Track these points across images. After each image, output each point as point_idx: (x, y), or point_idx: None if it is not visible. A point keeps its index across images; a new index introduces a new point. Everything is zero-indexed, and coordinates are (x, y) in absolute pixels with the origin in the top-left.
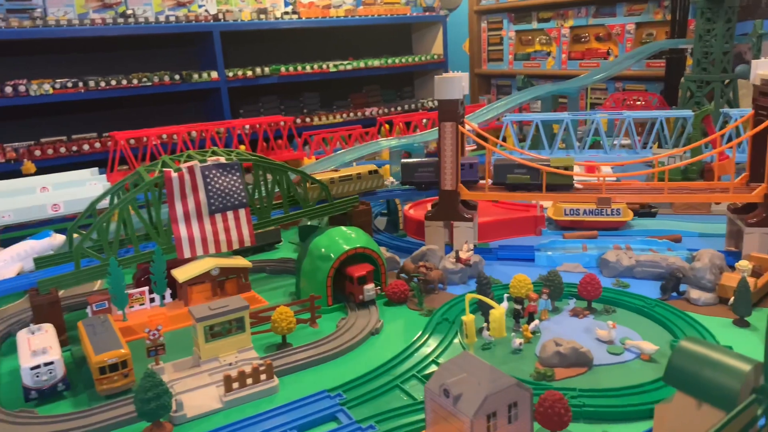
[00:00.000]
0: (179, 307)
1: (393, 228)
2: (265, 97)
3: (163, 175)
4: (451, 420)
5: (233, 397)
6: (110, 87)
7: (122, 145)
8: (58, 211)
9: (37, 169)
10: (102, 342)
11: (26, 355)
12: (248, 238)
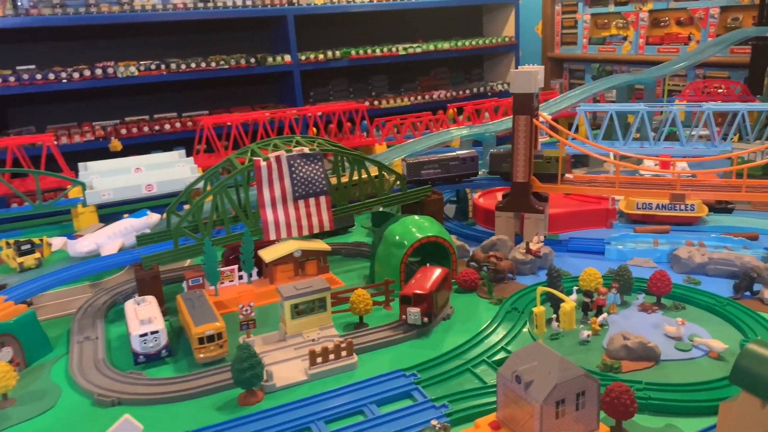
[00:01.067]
0: (265, 284)
1: (462, 216)
2: (335, 81)
3: (252, 163)
4: (521, 404)
5: (317, 370)
6: (190, 69)
7: (207, 129)
8: (151, 191)
9: (123, 146)
10: (200, 315)
11: (135, 324)
12: (327, 223)
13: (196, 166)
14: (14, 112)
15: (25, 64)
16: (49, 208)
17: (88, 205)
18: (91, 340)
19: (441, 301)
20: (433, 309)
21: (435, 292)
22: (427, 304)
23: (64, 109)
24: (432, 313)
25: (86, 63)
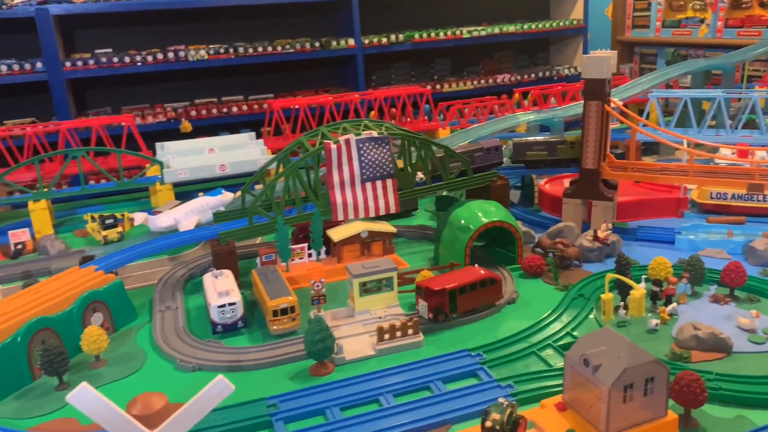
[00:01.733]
0: (332, 263)
1: (527, 202)
2: (397, 64)
3: (323, 146)
4: (589, 387)
5: (384, 346)
6: (257, 53)
7: (277, 112)
8: (224, 171)
9: (193, 128)
10: (274, 289)
11: (213, 295)
12: (393, 205)
13: (266, 147)
14: (92, 94)
15: (103, 47)
16: (130, 186)
17: (165, 183)
18: (171, 309)
19: (466, 305)
20: (447, 308)
21: (455, 293)
22: (438, 301)
23: (137, 91)
24: (443, 311)
25: (159, 47)
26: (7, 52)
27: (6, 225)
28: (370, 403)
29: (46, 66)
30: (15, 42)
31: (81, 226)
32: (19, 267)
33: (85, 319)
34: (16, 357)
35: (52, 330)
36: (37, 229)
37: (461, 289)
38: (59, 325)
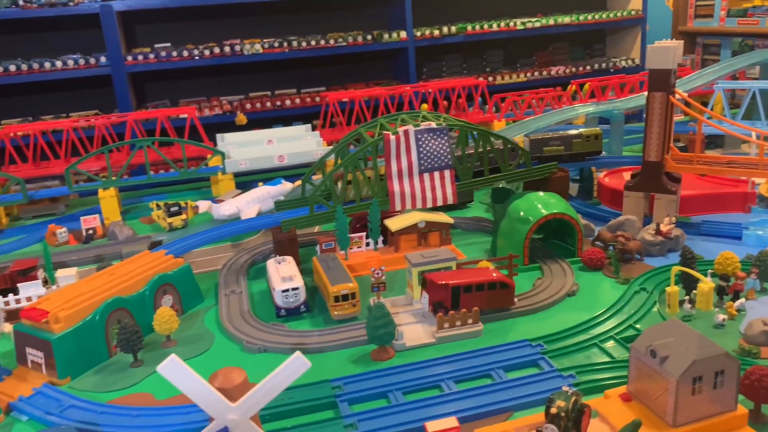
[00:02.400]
0: (389, 252)
1: (586, 195)
2: (448, 56)
3: (382, 137)
4: (655, 378)
5: (444, 334)
6: (310, 47)
7: (333, 105)
8: (283, 162)
9: (248, 120)
10: (335, 275)
11: (278, 280)
12: (451, 196)
13: (322, 139)
14: (151, 87)
15: (162, 42)
16: (193, 175)
17: (227, 173)
18: (236, 293)
19: (470, 304)
20: (448, 304)
21: (458, 290)
22: (441, 295)
23: (194, 85)
24: (444, 306)
25: (215, 41)
26: (72, 47)
27: (77, 212)
28: (432, 389)
29: (110, 60)
30: (79, 37)
31: (146, 213)
32: (91, 251)
33: (156, 301)
34: (94, 334)
35: (127, 310)
36: (106, 216)
37: (466, 287)
38: (133, 305)
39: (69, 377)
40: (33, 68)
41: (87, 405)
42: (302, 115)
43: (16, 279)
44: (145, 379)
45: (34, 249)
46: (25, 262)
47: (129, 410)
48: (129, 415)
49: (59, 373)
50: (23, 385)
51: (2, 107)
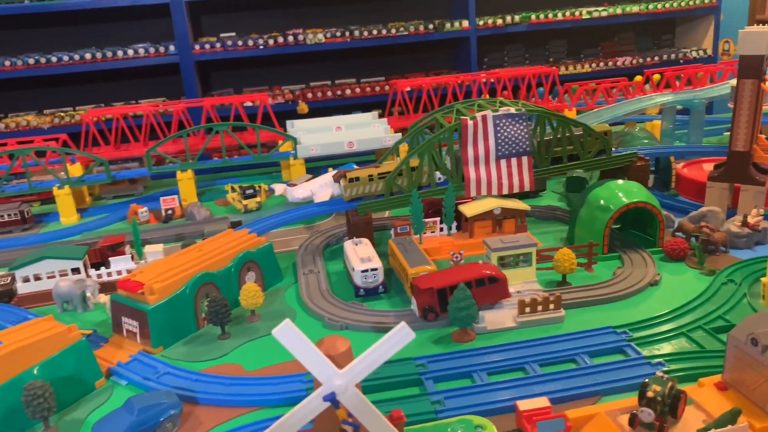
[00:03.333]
0: (463, 238)
1: (662, 186)
2: (510, 46)
3: (460, 122)
4: (756, 368)
5: (525, 319)
6: (371, 36)
7: (401, 92)
8: (352, 148)
9: (309, 109)
10: (413, 258)
11: (357, 261)
12: (528, 183)
13: (389, 126)
14: (215, 75)
15: (226, 31)
16: (266, 159)
17: (298, 158)
18: (314, 273)
19: (459, 301)
20: (438, 308)
21: (444, 292)
22: (427, 299)
23: (256, 74)
24: (433, 310)
25: (278, 30)
26: (141, 37)
27: (154, 193)
28: (516, 371)
29: (178, 49)
30: (148, 27)
31: (220, 195)
32: (171, 230)
33: (241, 277)
34: (185, 307)
35: (214, 284)
36: (184, 197)
37: (452, 287)
38: (220, 280)
39: (161, 346)
40: (107, 56)
41: (182, 373)
42: (361, 104)
43: (106, 254)
44: (233, 351)
45: (117, 227)
46: (114, 238)
47: (222, 379)
48: (222, 383)
49: (153, 342)
50: (120, 352)
51: (77, 94)
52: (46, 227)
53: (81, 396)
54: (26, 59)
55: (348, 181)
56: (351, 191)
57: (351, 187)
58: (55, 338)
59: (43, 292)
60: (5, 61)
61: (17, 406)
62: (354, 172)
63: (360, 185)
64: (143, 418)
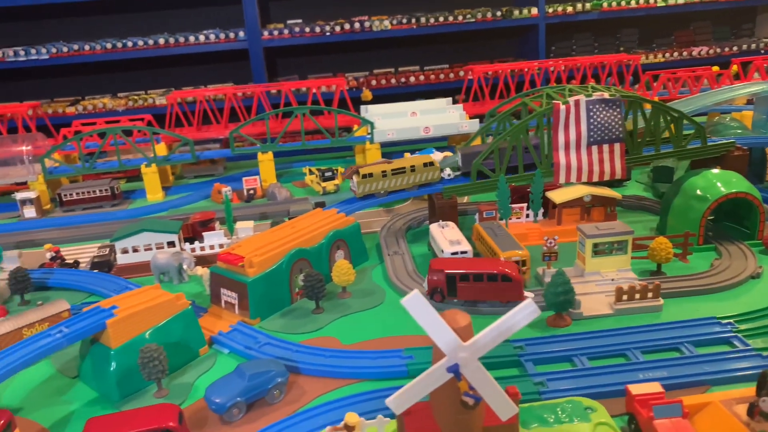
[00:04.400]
0: (550, 225)
1: (756, 178)
2: (579, 35)
3: (551, 107)
4: None
5: (622, 306)
6: (437, 23)
7: (477, 78)
8: (428, 133)
9: (373, 96)
10: (504, 242)
11: (445, 243)
12: (620, 171)
13: (465, 113)
14: (281, 62)
15: (293, 18)
16: (343, 143)
17: (374, 142)
18: (398, 254)
19: (468, 294)
20: (445, 291)
21: (454, 278)
22: (437, 281)
23: (320, 60)
24: (440, 292)
25: (344, 17)
26: (210, 23)
27: (232, 174)
28: (617, 357)
29: (248, 35)
30: (216, 13)
31: (296, 177)
32: (255, 209)
33: (331, 255)
34: (281, 281)
35: (307, 260)
36: (264, 178)
37: (463, 276)
38: (312, 256)
39: (259, 318)
40: (179, 41)
41: (282, 343)
42: (425, 92)
43: (197, 229)
44: (328, 325)
45: (201, 205)
46: (204, 215)
47: (321, 351)
48: (322, 355)
49: (251, 314)
50: (219, 322)
51: (148, 78)
52: (134, 203)
53: (187, 361)
54: (104, 44)
55: (361, 177)
56: (364, 187)
57: (364, 183)
58: (165, 305)
59: (141, 263)
60: (85, 45)
61: (133, 368)
62: (367, 168)
63: (373, 181)
64: (254, 384)
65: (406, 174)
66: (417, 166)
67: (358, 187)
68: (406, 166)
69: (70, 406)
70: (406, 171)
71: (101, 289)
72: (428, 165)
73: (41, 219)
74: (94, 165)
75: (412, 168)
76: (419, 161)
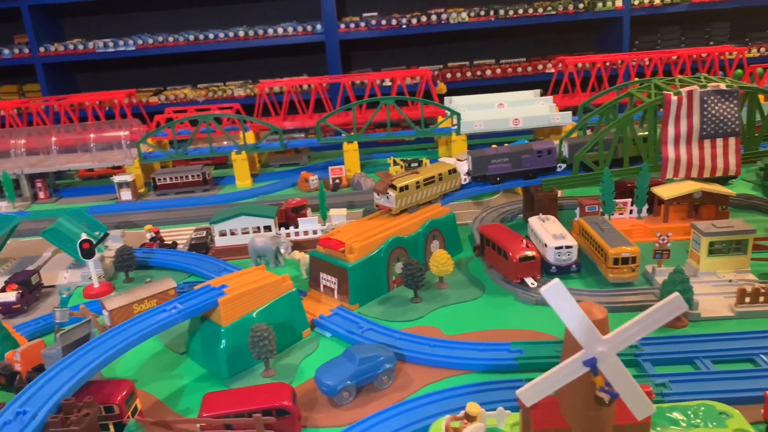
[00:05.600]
0: (656, 222)
1: None
2: (665, 28)
3: (661, 98)
4: None
5: (744, 309)
6: (516, 16)
7: (569, 69)
8: (517, 125)
9: (447, 90)
10: (612, 238)
11: (549, 237)
12: (734, 167)
13: (554, 105)
14: (356, 56)
15: (368, 11)
16: (428, 134)
17: (460, 134)
18: None
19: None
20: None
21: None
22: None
23: (393, 54)
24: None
25: (419, 10)
26: (286, 16)
27: (315, 163)
28: (743, 362)
29: (325, 28)
30: (292, 5)
31: (379, 168)
32: (341, 198)
33: (427, 244)
34: (379, 268)
35: (404, 249)
36: (348, 168)
37: None
38: (409, 245)
39: (357, 304)
40: (258, 34)
41: (385, 330)
42: (500, 85)
43: (290, 215)
44: (428, 315)
45: (287, 192)
46: (297, 201)
47: (426, 340)
48: (427, 344)
49: (351, 299)
50: (319, 306)
51: (225, 70)
52: (224, 189)
53: (291, 343)
54: (186, 36)
55: (399, 190)
56: (402, 201)
57: (402, 197)
58: (271, 287)
59: (237, 246)
60: (168, 37)
61: (241, 346)
62: (401, 180)
63: (410, 194)
64: (364, 368)
65: (435, 183)
66: (444, 174)
67: (396, 201)
68: (435, 175)
69: (180, 380)
70: (435, 180)
71: (201, 269)
72: (452, 172)
73: (136, 202)
74: (186, 151)
75: (440, 176)
76: (445, 169)
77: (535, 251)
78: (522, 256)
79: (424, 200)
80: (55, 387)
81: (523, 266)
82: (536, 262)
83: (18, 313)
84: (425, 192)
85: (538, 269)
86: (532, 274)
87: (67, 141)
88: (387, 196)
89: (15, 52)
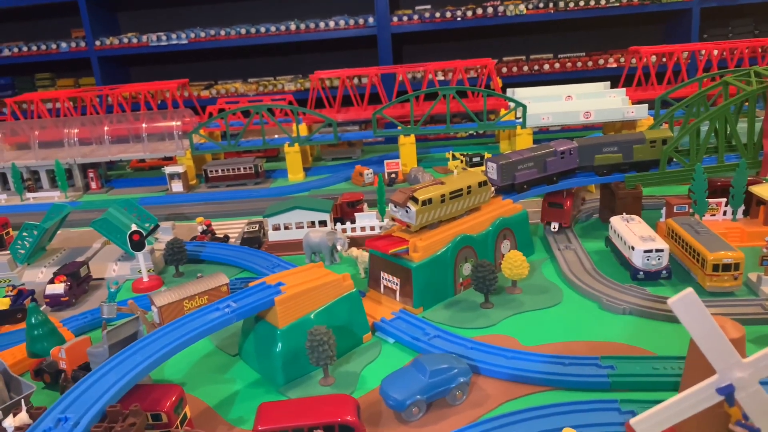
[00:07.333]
0: (754, 224)
1: None
2: (737, 20)
3: (765, 86)
4: None
5: None
6: (576, 8)
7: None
8: (589, 118)
9: (502, 83)
10: (710, 242)
11: (636, 239)
12: None
13: (628, 98)
14: (407, 50)
15: (420, 4)
16: (491, 127)
17: (526, 127)
18: (570, 249)
19: None
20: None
21: None
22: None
23: (440, 47)
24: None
25: (474, 3)
26: (337, 9)
27: (368, 157)
28: None
29: (377, 21)
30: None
31: (435, 163)
32: None
33: (497, 244)
34: (445, 269)
35: (473, 249)
36: (404, 162)
37: None
38: (478, 245)
39: (422, 307)
40: (309, 27)
41: (454, 338)
42: (558, 80)
43: (346, 210)
44: (502, 322)
45: (341, 186)
46: (353, 196)
47: (502, 351)
48: (503, 355)
49: (415, 302)
50: (379, 308)
51: (274, 64)
52: (276, 182)
53: (350, 348)
54: (238, 29)
55: (421, 205)
56: (423, 217)
57: (424, 212)
58: (331, 286)
59: (291, 241)
60: (220, 30)
61: (298, 350)
62: (423, 193)
63: (433, 208)
64: (435, 382)
65: (462, 197)
66: (473, 187)
67: (417, 217)
68: (463, 187)
69: (232, 385)
70: (463, 193)
71: (253, 265)
72: (483, 185)
73: (187, 194)
74: (239, 143)
75: (468, 189)
76: (474, 180)
77: None
78: None
79: (447, 216)
80: (99, 391)
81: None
82: None
83: (66, 306)
84: (451, 207)
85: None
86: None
87: (120, 131)
88: (406, 210)
89: (72, 46)
